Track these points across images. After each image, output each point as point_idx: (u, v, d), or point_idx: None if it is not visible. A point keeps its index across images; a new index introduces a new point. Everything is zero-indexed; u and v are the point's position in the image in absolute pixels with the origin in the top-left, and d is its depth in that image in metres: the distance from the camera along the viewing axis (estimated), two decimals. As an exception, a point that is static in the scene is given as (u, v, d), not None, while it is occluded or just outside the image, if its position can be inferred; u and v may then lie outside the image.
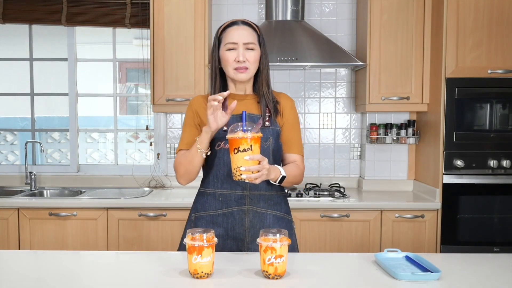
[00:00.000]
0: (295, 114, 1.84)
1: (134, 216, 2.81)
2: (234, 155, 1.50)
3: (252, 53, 1.71)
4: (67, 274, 1.47)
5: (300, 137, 1.86)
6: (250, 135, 1.49)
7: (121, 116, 4.26)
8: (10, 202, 2.84)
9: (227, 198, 1.74)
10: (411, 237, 2.80)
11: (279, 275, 1.39)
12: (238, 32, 1.71)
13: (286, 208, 1.83)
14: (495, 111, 2.79)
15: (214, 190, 1.76)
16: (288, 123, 1.81)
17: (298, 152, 1.83)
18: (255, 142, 1.50)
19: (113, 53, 3.48)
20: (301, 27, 3.05)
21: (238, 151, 1.49)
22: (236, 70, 1.71)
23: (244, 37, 1.70)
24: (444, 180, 2.80)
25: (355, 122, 3.38)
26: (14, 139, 4.09)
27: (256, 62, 1.73)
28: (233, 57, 1.70)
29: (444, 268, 1.47)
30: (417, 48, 2.96)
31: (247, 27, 1.73)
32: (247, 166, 1.49)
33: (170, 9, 3.00)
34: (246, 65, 1.70)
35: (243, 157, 1.49)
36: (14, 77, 3.72)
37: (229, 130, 1.52)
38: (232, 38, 1.71)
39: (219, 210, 1.75)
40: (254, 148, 1.50)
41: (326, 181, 3.35)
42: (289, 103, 1.83)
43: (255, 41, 1.72)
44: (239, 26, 1.72)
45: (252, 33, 1.73)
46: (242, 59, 1.69)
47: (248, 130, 1.50)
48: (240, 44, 1.70)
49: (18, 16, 3.32)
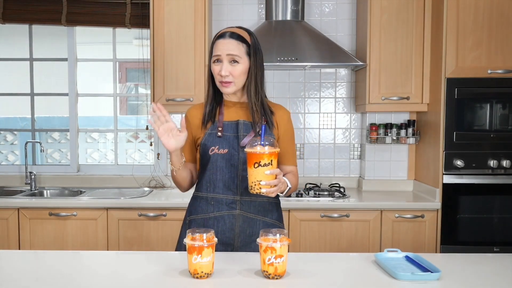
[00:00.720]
0: (291, 126, 1.85)
1: (134, 216, 2.82)
2: (254, 169, 1.53)
3: (237, 66, 1.69)
4: (67, 274, 1.47)
5: (295, 148, 1.89)
6: (272, 150, 1.53)
7: (121, 116, 4.27)
8: (10, 202, 2.84)
9: (219, 202, 1.75)
10: (411, 237, 2.80)
11: (279, 275, 1.39)
12: (222, 45, 1.70)
13: (278, 215, 1.83)
14: (495, 111, 2.79)
15: (207, 194, 1.77)
16: (286, 135, 1.82)
17: (294, 164, 1.86)
18: (275, 157, 1.55)
19: (113, 53, 3.48)
20: (301, 27, 3.05)
21: (259, 165, 1.52)
22: (221, 83, 1.72)
23: (227, 50, 1.69)
24: (444, 180, 2.80)
25: (355, 122, 3.38)
26: (14, 139, 4.10)
27: (241, 75, 1.72)
28: (217, 70, 1.71)
29: (444, 268, 1.47)
30: (417, 48, 2.96)
31: (233, 40, 1.70)
32: (268, 181, 1.53)
33: (170, 9, 3.00)
34: (229, 79, 1.70)
35: (264, 172, 1.53)
36: (14, 77, 3.73)
37: (248, 144, 1.56)
38: (216, 50, 1.71)
39: (210, 213, 1.76)
40: (273, 162, 1.54)
41: (326, 181, 3.35)
42: (285, 116, 1.83)
43: (240, 53, 1.69)
44: (224, 39, 1.70)
45: (238, 46, 1.70)
46: (225, 73, 1.69)
47: (266, 144, 1.53)
48: (224, 56, 1.69)
49: (18, 16, 3.32)
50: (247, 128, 1.75)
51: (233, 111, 1.79)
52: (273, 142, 1.55)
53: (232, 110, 1.79)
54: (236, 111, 1.78)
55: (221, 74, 1.69)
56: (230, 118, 1.77)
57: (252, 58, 1.73)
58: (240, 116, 1.78)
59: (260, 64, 1.75)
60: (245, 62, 1.71)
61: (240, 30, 1.74)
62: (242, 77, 1.72)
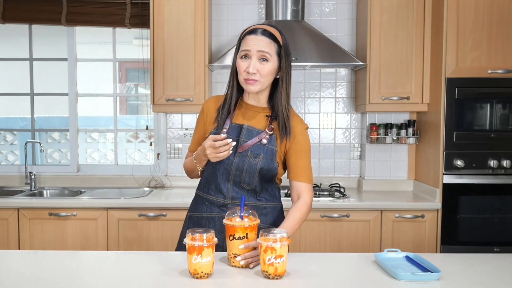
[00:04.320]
0: (306, 140, 1.74)
1: (134, 216, 2.81)
2: (230, 241, 1.50)
3: (266, 64, 1.63)
4: (67, 274, 1.47)
5: (310, 165, 1.76)
6: (247, 224, 1.48)
7: (121, 116, 4.27)
8: (10, 202, 2.84)
9: (211, 203, 1.75)
10: (411, 237, 2.80)
11: (279, 275, 1.39)
12: (254, 41, 1.63)
13: (273, 219, 1.77)
14: (495, 111, 2.79)
15: (202, 193, 1.78)
16: (296, 148, 1.72)
17: (305, 181, 1.73)
18: (251, 230, 1.50)
19: (113, 53, 3.48)
20: (301, 27, 3.05)
21: (233, 238, 1.49)
22: (246, 81, 1.65)
23: (258, 46, 1.62)
24: (444, 180, 2.80)
25: (355, 122, 3.38)
26: (14, 139, 4.09)
27: (269, 75, 1.65)
28: (244, 67, 1.64)
29: (444, 268, 1.47)
30: (417, 48, 2.96)
31: (265, 38, 1.64)
32: (242, 254, 1.49)
33: (170, 9, 3.00)
34: (255, 77, 1.63)
35: (238, 246, 1.49)
36: (14, 77, 3.72)
37: (227, 214, 1.53)
38: (245, 46, 1.65)
39: (203, 213, 1.77)
40: (250, 236, 1.49)
41: (326, 181, 3.35)
42: (301, 128, 1.74)
43: (271, 52, 1.63)
44: (256, 35, 1.64)
45: (270, 44, 1.64)
46: (252, 70, 1.62)
47: (246, 216, 1.50)
48: (253, 53, 1.63)
49: (18, 16, 3.31)
50: (249, 134, 1.70)
51: (243, 114, 1.74)
52: (253, 213, 1.51)
53: (244, 112, 1.75)
54: (246, 113, 1.74)
55: (249, 71, 1.63)
56: (237, 121, 1.74)
57: (283, 59, 1.67)
58: (247, 120, 1.73)
59: (289, 68, 1.69)
60: (275, 62, 1.65)
61: (272, 29, 1.67)
62: (269, 77, 1.66)
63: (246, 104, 1.75)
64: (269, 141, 1.70)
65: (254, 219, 1.52)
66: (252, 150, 1.69)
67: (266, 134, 1.70)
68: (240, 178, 1.70)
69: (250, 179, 1.70)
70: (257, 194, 1.74)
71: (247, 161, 1.68)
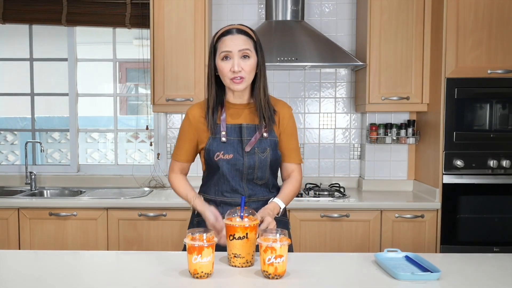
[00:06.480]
0: (293, 122, 1.84)
1: (134, 216, 2.82)
2: (230, 241, 1.51)
3: (248, 61, 1.68)
4: (67, 274, 1.47)
5: (298, 145, 1.87)
6: (247, 224, 1.49)
7: (121, 116, 4.27)
8: (10, 202, 2.84)
9: (228, 204, 1.76)
10: (411, 237, 2.80)
11: (279, 275, 1.39)
12: (232, 41, 1.68)
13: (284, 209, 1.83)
14: (495, 111, 2.79)
15: (215, 197, 1.79)
16: (286, 132, 1.81)
17: (297, 161, 1.84)
18: (251, 230, 1.50)
19: (113, 53, 3.48)
20: (301, 27, 3.05)
21: (233, 238, 1.49)
22: (232, 80, 1.69)
23: (239, 45, 1.67)
24: (444, 180, 2.80)
25: (355, 122, 3.38)
26: (14, 139, 4.09)
27: (252, 71, 1.71)
28: (228, 67, 1.68)
29: (444, 268, 1.47)
30: (417, 48, 2.96)
31: (242, 35, 1.70)
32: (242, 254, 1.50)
33: (170, 9, 3.00)
34: (241, 74, 1.68)
35: (238, 246, 1.49)
36: (14, 77, 3.72)
37: (227, 214, 1.54)
38: (225, 47, 1.68)
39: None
40: (250, 236, 1.50)
41: (326, 181, 3.35)
42: (287, 112, 1.82)
43: (250, 47, 1.70)
44: (233, 35, 1.69)
45: (248, 41, 1.70)
46: (238, 69, 1.67)
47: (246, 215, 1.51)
48: (235, 53, 1.67)
49: (18, 16, 3.31)
50: (250, 132, 1.75)
51: (234, 113, 1.78)
52: (253, 213, 1.53)
53: (233, 112, 1.78)
54: (237, 113, 1.78)
55: (234, 69, 1.67)
56: (233, 121, 1.77)
57: (259, 54, 1.73)
58: (242, 118, 1.77)
59: (264, 61, 1.76)
60: (255, 57, 1.71)
61: (244, 27, 1.74)
62: (252, 72, 1.72)
63: (233, 104, 1.79)
64: (269, 133, 1.76)
65: (254, 219, 1.53)
66: (258, 146, 1.74)
67: (263, 127, 1.75)
68: (253, 176, 1.75)
69: (263, 174, 1.76)
70: (269, 187, 1.81)
71: (257, 157, 1.74)
